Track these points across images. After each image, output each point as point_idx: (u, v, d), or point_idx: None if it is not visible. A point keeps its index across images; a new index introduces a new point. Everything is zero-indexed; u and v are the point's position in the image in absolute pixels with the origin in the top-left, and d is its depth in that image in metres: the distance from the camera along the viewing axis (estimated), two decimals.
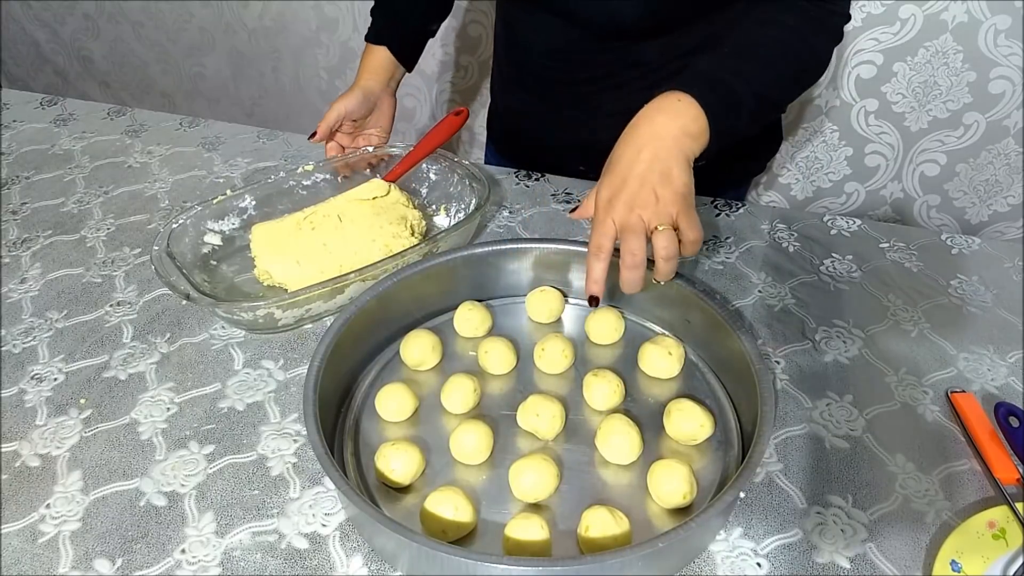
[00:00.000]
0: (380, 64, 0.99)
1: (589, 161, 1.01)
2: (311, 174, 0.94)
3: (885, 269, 0.85)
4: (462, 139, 1.97)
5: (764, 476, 0.62)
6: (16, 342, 0.77)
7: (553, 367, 0.72)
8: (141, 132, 1.17)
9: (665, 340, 0.72)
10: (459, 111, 0.97)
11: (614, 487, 0.62)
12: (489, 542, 0.58)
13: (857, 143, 1.61)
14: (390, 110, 1.02)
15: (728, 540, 0.58)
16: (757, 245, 0.89)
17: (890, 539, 0.58)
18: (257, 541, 0.58)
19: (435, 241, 0.81)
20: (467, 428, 0.63)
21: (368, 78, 0.99)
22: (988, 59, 1.42)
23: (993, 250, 0.89)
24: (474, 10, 1.70)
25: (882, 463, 0.63)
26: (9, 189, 1.03)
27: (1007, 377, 0.72)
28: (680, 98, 0.67)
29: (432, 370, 0.73)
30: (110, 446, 0.66)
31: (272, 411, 0.69)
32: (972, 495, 0.61)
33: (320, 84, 1.97)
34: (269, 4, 1.88)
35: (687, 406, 0.65)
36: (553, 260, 0.78)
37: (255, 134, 1.15)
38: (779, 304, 0.80)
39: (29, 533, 0.59)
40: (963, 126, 1.52)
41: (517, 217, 0.95)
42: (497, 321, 0.78)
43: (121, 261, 0.88)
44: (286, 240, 0.83)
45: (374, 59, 0.99)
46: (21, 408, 0.70)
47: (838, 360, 0.73)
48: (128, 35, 2.15)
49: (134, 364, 0.74)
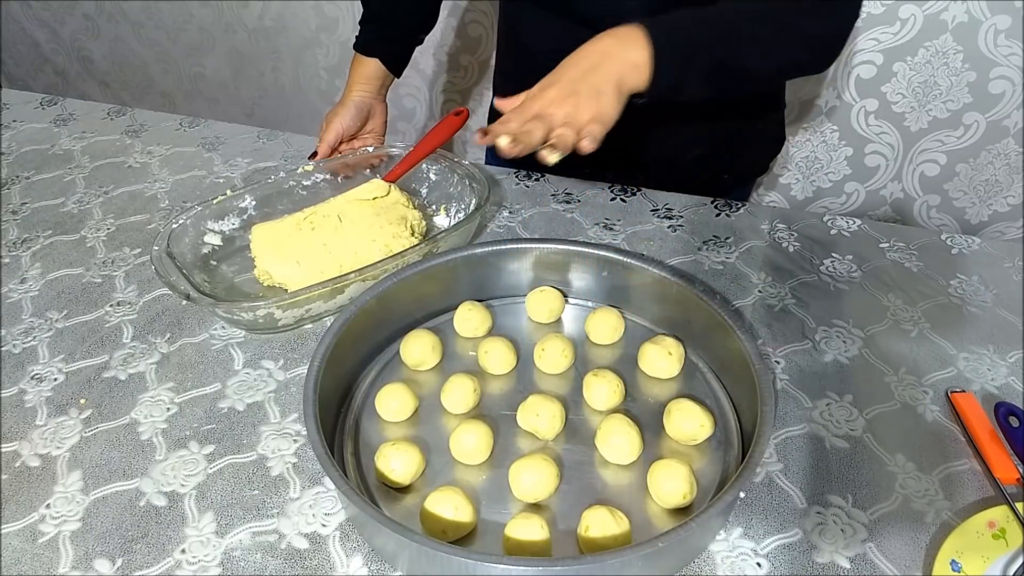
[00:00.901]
0: (371, 74, 1.01)
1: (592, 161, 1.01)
2: (311, 174, 0.94)
3: (885, 269, 0.85)
4: (462, 139, 1.97)
5: (764, 476, 0.62)
6: (16, 342, 0.77)
7: (553, 367, 0.72)
8: (141, 132, 1.17)
9: (665, 340, 0.72)
10: (459, 111, 0.98)
11: (614, 487, 0.62)
12: (489, 542, 0.58)
13: (857, 143, 1.61)
14: (383, 116, 1.04)
15: (728, 540, 0.58)
16: (757, 245, 0.89)
17: (890, 539, 0.58)
18: (257, 541, 0.58)
19: (435, 241, 0.81)
20: (467, 428, 0.63)
21: (359, 89, 1.00)
22: (988, 59, 1.42)
23: (993, 250, 0.89)
24: (474, 10, 1.70)
25: (882, 463, 0.63)
26: (9, 189, 1.03)
27: (1007, 377, 0.72)
28: (635, 30, 0.69)
29: (432, 370, 0.73)
30: (110, 446, 0.66)
31: (272, 411, 0.69)
32: (972, 495, 0.61)
33: (320, 84, 1.97)
34: (269, 4, 1.88)
35: (687, 406, 0.65)
36: (553, 260, 0.78)
37: (255, 134, 1.15)
38: (779, 304, 0.80)
39: (29, 533, 0.59)
40: (963, 126, 1.52)
41: (517, 217, 0.95)
42: (497, 321, 0.78)
43: (121, 261, 0.88)
44: (286, 240, 0.83)
45: (364, 69, 1.00)
46: (21, 408, 0.70)
47: (838, 360, 0.73)
48: (128, 35, 2.15)
49: (134, 364, 0.74)
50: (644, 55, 0.68)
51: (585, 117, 0.67)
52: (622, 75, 0.68)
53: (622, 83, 0.68)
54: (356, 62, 1.01)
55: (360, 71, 1.01)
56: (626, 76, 0.68)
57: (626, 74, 0.68)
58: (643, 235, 0.91)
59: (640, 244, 0.89)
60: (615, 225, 0.92)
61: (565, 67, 0.70)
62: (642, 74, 0.68)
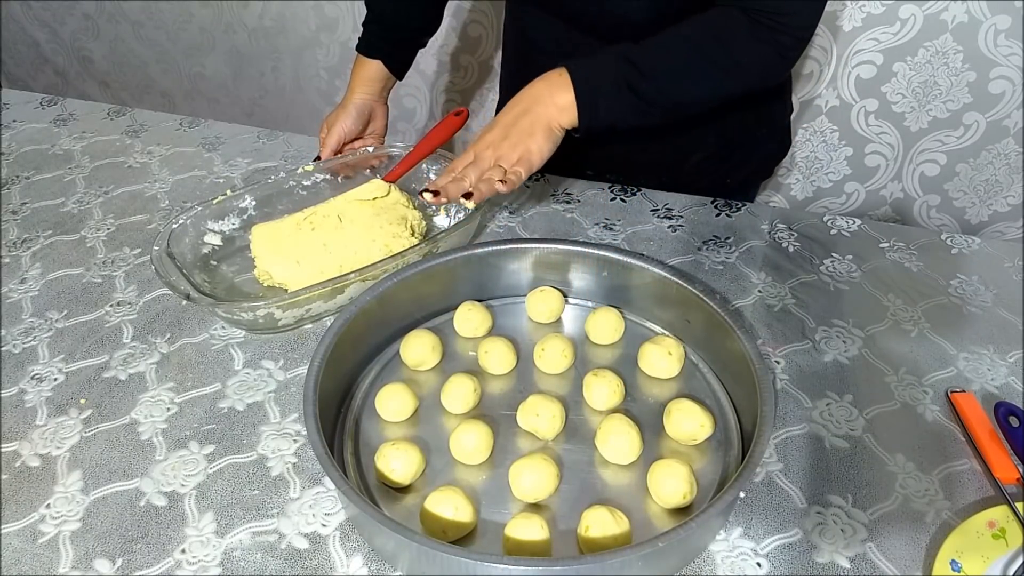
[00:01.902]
0: (373, 76, 1.01)
1: (596, 164, 1.01)
2: (311, 174, 0.94)
3: (885, 269, 0.85)
4: (461, 139, 1.97)
5: (764, 476, 0.62)
6: (16, 342, 0.77)
7: (553, 367, 0.72)
8: (141, 132, 1.17)
9: (665, 340, 0.72)
10: (459, 111, 0.98)
11: (614, 487, 0.62)
12: (489, 542, 0.58)
13: (857, 143, 1.61)
14: (384, 118, 1.05)
15: (728, 540, 0.58)
16: (757, 245, 0.89)
17: (890, 539, 0.58)
18: (257, 541, 0.58)
19: (435, 241, 0.81)
20: (467, 428, 0.63)
21: (361, 91, 1.00)
22: (988, 59, 1.42)
23: (993, 250, 0.89)
24: (474, 10, 1.70)
25: (882, 463, 0.63)
26: (9, 189, 1.03)
27: (1007, 377, 0.72)
28: (561, 73, 0.76)
29: (432, 370, 0.73)
30: (110, 446, 0.66)
31: (272, 411, 0.69)
32: (972, 495, 0.61)
33: (320, 84, 1.97)
34: (269, 4, 1.88)
35: (687, 406, 0.65)
36: (553, 260, 0.78)
37: (255, 134, 1.15)
38: (779, 304, 0.80)
39: (29, 533, 0.59)
40: (963, 126, 1.52)
41: (517, 217, 0.95)
42: (497, 321, 0.78)
43: (121, 261, 0.88)
44: (286, 240, 0.83)
45: (366, 71, 1.00)
46: (21, 408, 0.70)
47: (838, 360, 0.73)
48: (128, 35, 2.14)
49: (134, 364, 0.74)
50: (569, 97, 0.75)
51: (513, 158, 0.75)
52: (551, 117, 0.75)
53: (552, 124, 0.75)
54: (358, 64, 1.01)
55: (362, 73, 1.01)
56: (554, 118, 0.75)
57: (554, 116, 0.75)
58: (643, 235, 0.91)
59: (640, 244, 0.89)
60: (615, 225, 0.92)
61: (502, 112, 0.78)
62: (570, 114, 0.75)
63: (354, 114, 0.99)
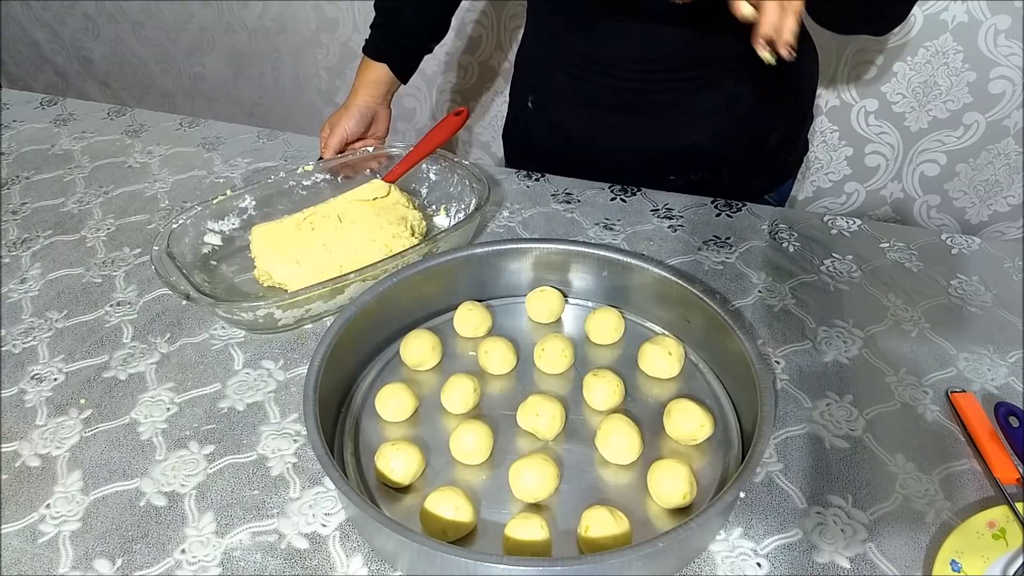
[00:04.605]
0: (378, 79, 1.01)
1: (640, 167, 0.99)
2: (311, 174, 0.94)
3: (885, 269, 0.85)
4: (462, 139, 1.97)
5: (764, 476, 0.62)
6: (16, 342, 0.77)
7: (553, 367, 0.72)
8: (141, 132, 1.17)
9: (665, 340, 0.72)
10: (459, 111, 0.98)
11: (614, 487, 0.62)
12: (489, 542, 0.58)
13: (857, 143, 1.61)
14: (386, 121, 1.04)
15: (728, 540, 0.58)
16: (757, 245, 0.89)
17: (890, 539, 0.58)
18: (257, 541, 0.58)
19: (435, 241, 0.81)
20: (467, 428, 0.63)
21: (365, 94, 1.00)
22: (988, 59, 1.42)
23: (993, 250, 0.89)
24: (474, 10, 1.70)
25: (882, 463, 0.63)
26: (9, 189, 1.03)
27: (1007, 377, 0.72)
28: None
29: (432, 370, 0.73)
30: (110, 446, 0.66)
31: (272, 411, 0.69)
32: (972, 495, 0.61)
33: (320, 84, 1.97)
34: (269, 4, 1.88)
35: (687, 406, 0.65)
36: (553, 260, 0.78)
37: (255, 134, 1.15)
38: (779, 304, 0.80)
39: (29, 533, 0.59)
40: (963, 126, 1.52)
41: (517, 217, 0.95)
42: (497, 321, 0.78)
43: (121, 261, 0.88)
44: (286, 241, 0.83)
45: (372, 74, 1.00)
46: (21, 408, 0.70)
47: (838, 360, 0.73)
48: (128, 35, 2.15)
49: (134, 364, 0.74)
50: None
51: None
52: None
53: None
54: (364, 66, 1.01)
55: (367, 76, 1.01)
56: None
57: None
58: (643, 235, 0.91)
59: (640, 244, 0.89)
60: (615, 225, 0.92)
61: None
62: None
63: (357, 116, 0.99)
